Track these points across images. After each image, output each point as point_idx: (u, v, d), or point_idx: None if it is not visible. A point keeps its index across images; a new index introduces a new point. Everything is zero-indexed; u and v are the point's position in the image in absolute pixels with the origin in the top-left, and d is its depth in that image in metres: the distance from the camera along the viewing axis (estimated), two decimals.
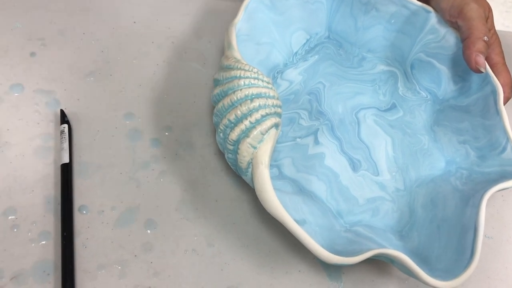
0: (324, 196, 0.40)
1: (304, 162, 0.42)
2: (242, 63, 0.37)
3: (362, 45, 0.49)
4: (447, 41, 0.44)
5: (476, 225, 0.34)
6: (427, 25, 0.45)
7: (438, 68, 0.46)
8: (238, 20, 0.40)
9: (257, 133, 0.35)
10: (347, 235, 0.37)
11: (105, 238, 0.37)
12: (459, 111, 0.44)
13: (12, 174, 0.38)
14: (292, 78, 0.46)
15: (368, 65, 0.49)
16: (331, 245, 0.34)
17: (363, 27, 0.48)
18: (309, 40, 0.48)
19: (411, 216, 0.40)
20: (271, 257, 0.39)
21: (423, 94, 0.47)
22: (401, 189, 0.42)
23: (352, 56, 0.49)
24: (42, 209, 0.37)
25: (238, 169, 0.36)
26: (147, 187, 0.40)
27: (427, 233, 0.38)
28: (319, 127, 0.44)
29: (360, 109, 0.46)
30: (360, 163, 0.43)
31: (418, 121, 0.46)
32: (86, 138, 0.41)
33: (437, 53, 0.45)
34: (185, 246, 0.38)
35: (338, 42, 0.49)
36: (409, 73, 0.48)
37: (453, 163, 0.43)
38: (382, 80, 0.48)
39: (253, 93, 0.36)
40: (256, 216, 0.40)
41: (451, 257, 0.35)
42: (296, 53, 0.48)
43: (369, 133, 0.44)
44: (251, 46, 0.43)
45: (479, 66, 0.41)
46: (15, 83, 0.42)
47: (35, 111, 0.41)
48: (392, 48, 0.48)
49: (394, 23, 0.47)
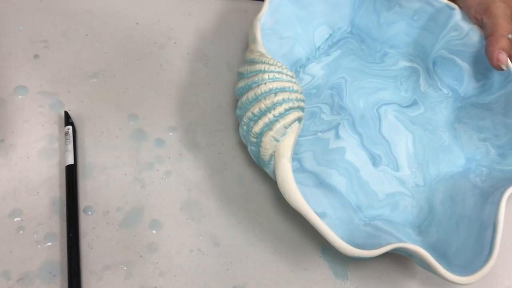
0: (344, 190, 0.41)
1: (325, 156, 0.42)
2: (267, 57, 0.38)
3: (385, 41, 0.49)
4: (470, 38, 0.44)
5: (495, 222, 0.35)
6: (451, 22, 0.45)
7: (460, 65, 0.46)
8: (263, 14, 0.41)
9: (280, 127, 0.35)
10: (366, 229, 0.38)
11: (110, 238, 0.37)
12: (481, 109, 0.44)
13: (17, 176, 0.38)
14: (315, 72, 0.47)
15: (390, 61, 0.49)
16: (350, 238, 0.35)
17: (386, 23, 0.48)
18: (332, 35, 0.49)
19: (430, 211, 0.41)
20: (277, 256, 0.39)
21: (444, 91, 0.48)
22: (420, 185, 0.42)
23: (375, 52, 0.49)
24: (48, 210, 0.37)
25: (260, 161, 0.37)
26: (151, 187, 0.40)
27: (446, 229, 0.38)
28: (340, 122, 0.44)
29: (381, 104, 0.46)
30: (381, 158, 0.43)
31: (439, 117, 0.46)
32: (90, 139, 0.41)
33: (460, 50, 0.45)
34: (190, 246, 0.38)
35: (360, 38, 0.50)
36: (431, 69, 0.48)
37: (473, 161, 0.43)
38: (404, 76, 0.48)
39: (277, 87, 0.36)
40: (261, 215, 0.40)
41: (470, 253, 0.35)
42: (318, 47, 0.48)
43: (390, 128, 0.45)
44: (275, 40, 0.44)
45: (501, 63, 0.41)
46: (19, 86, 0.42)
47: (39, 113, 0.41)
48: (414, 45, 0.48)
49: (417, 20, 0.47)
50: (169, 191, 0.40)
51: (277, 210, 0.41)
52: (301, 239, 0.40)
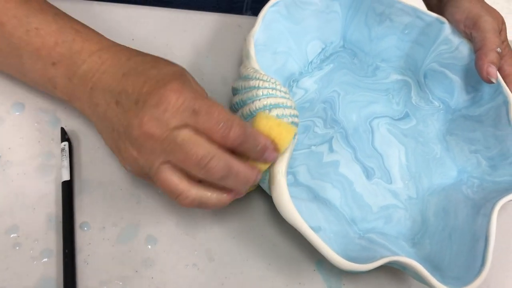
0: (339, 203, 0.41)
1: (319, 169, 0.43)
2: (260, 73, 0.38)
3: (376, 54, 0.50)
4: (460, 52, 0.45)
5: (487, 234, 0.35)
6: (441, 36, 0.46)
7: (450, 78, 0.47)
8: (256, 30, 0.41)
9: None
10: (360, 242, 0.38)
11: (106, 254, 0.37)
12: (471, 121, 0.45)
13: (14, 193, 0.38)
14: (308, 86, 0.47)
15: (382, 74, 0.49)
16: (345, 251, 0.35)
17: (377, 37, 0.49)
18: (324, 49, 0.50)
19: (423, 224, 0.41)
20: (271, 270, 0.39)
21: (436, 104, 0.48)
22: (413, 197, 0.43)
23: (367, 66, 0.50)
24: (44, 226, 0.37)
25: None
26: (147, 202, 0.40)
27: (439, 240, 0.39)
28: (334, 135, 0.45)
29: (374, 117, 0.47)
30: (374, 171, 0.44)
31: (430, 130, 0.47)
32: (86, 155, 0.41)
33: (450, 64, 0.46)
34: (185, 261, 0.38)
35: (352, 52, 0.50)
36: (422, 82, 0.49)
37: (465, 172, 0.44)
38: (395, 90, 0.49)
39: (271, 103, 0.37)
40: (256, 229, 0.41)
41: (463, 264, 0.36)
42: (311, 62, 0.49)
43: (382, 141, 0.45)
44: (268, 55, 0.44)
45: (491, 76, 0.42)
46: (16, 102, 0.42)
47: (36, 129, 0.41)
48: (405, 58, 0.49)
49: (408, 34, 0.48)
50: (164, 206, 0.40)
51: (272, 224, 0.41)
52: (296, 253, 0.40)
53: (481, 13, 0.44)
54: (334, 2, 0.47)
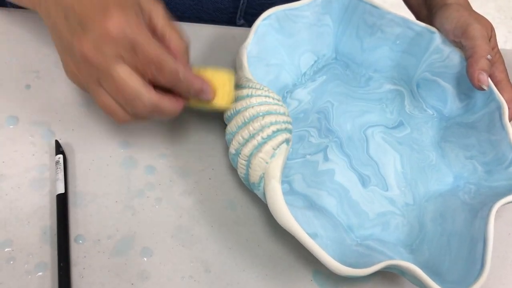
0: (335, 211, 0.41)
1: (315, 178, 0.43)
2: (253, 82, 0.39)
3: (369, 65, 0.50)
4: (452, 60, 0.46)
5: (486, 237, 0.35)
6: (432, 45, 0.46)
7: (443, 86, 0.47)
8: (249, 42, 0.42)
9: (268, 148, 0.36)
10: (358, 249, 0.38)
11: (101, 267, 0.37)
12: (466, 128, 0.45)
13: (8, 206, 0.38)
14: (301, 97, 0.48)
15: (375, 85, 0.50)
16: (342, 258, 0.35)
17: (369, 48, 0.49)
18: (317, 61, 0.50)
19: (421, 230, 0.41)
20: (268, 281, 0.39)
21: (429, 112, 0.49)
22: (410, 203, 0.43)
23: (359, 76, 0.50)
24: (39, 240, 0.37)
25: (250, 184, 0.37)
26: (142, 214, 0.40)
27: (437, 246, 0.38)
28: (328, 144, 0.45)
29: (368, 126, 0.47)
30: (370, 179, 0.43)
31: (425, 137, 0.47)
32: (81, 167, 0.41)
33: (442, 72, 0.47)
34: (182, 273, 0.38)
35: (345, 63, 0.51)
36: (415, 91, 0.49)
37: (461, 178, 0.44)
38: (389, 99, 0.49)
39: (265, 110, 0.37)
40: (252, 240, 0.40)
41: (462, 268, 0.35)
42: (304, 73, 0.49)
43: (377, 149, 0.45)
44: (261, 67, 0.45)
45: (482, 83, 0.42)
46: (10, 116, 0.42)
47: (30, 142, 0.41)
48: (398, 68, 0.50)
49: (399, 44, 0.48)
50: (160, 218, 0.40)
51: (268, 234, 0.41)
52: (292, 263, 0.40)
53: (470, 21, 0.44)
54: (325, 16, 0.48)
